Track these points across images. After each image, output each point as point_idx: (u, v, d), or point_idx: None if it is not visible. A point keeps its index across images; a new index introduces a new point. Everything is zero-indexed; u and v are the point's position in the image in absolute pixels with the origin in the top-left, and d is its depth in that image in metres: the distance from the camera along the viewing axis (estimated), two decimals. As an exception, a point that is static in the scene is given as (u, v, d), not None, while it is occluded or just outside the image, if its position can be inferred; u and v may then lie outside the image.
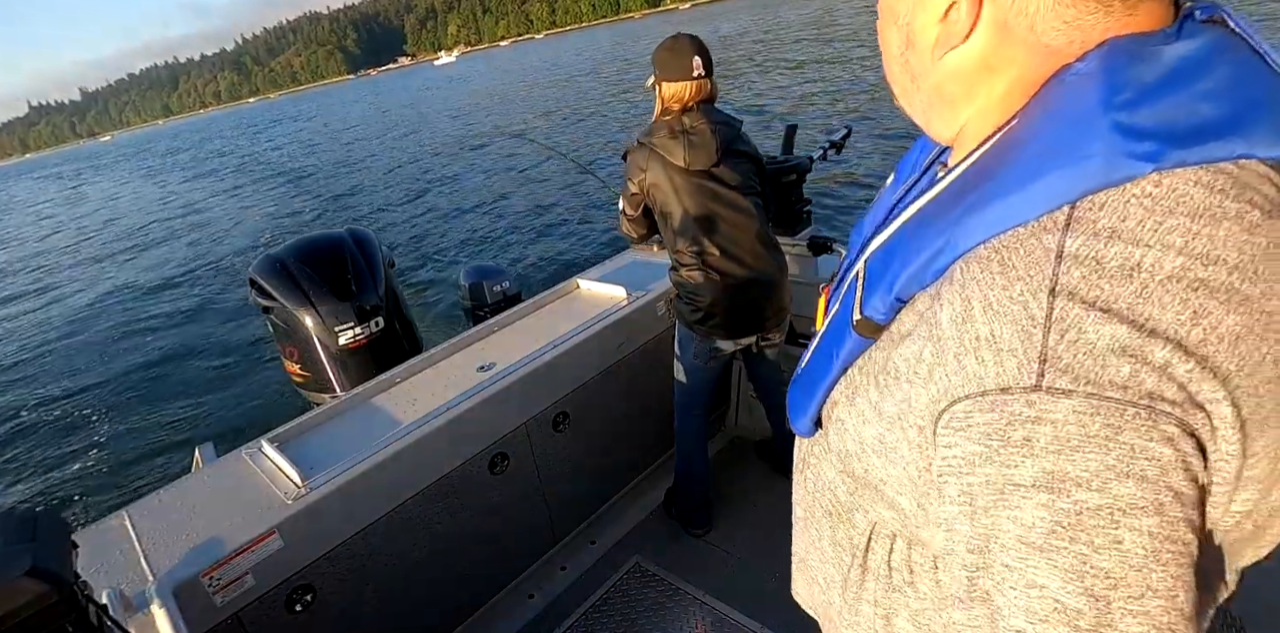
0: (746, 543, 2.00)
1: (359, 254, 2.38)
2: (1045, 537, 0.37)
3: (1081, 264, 0.37)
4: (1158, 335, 0.35)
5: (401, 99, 41.59)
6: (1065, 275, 0.37)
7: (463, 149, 16.05)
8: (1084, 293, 0.37)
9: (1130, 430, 0.35)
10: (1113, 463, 0.35)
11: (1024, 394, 0.37)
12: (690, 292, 1.80)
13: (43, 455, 5.17)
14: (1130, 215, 0.37)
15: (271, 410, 4.87)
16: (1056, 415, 0.36)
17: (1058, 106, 0.42)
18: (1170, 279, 0.36)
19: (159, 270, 10.60)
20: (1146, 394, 0.35)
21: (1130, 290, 0.36)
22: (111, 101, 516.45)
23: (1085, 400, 0.36)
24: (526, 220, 8.95)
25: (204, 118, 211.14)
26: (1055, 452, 0.36)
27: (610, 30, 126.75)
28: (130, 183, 28.24)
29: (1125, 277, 0.36)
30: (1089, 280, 0.37)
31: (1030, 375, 0.37)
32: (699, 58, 1.71)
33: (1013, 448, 0.37)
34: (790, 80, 15.02)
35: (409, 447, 1.56)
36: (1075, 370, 0.36)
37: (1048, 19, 0.41)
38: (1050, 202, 0.39)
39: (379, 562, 1.57)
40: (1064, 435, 0.36)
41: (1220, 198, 0.37)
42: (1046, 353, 0.37)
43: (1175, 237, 0.36)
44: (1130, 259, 0.37)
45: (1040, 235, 0.39)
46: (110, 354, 7.09)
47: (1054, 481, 0.36)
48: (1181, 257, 0.36)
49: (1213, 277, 0.36)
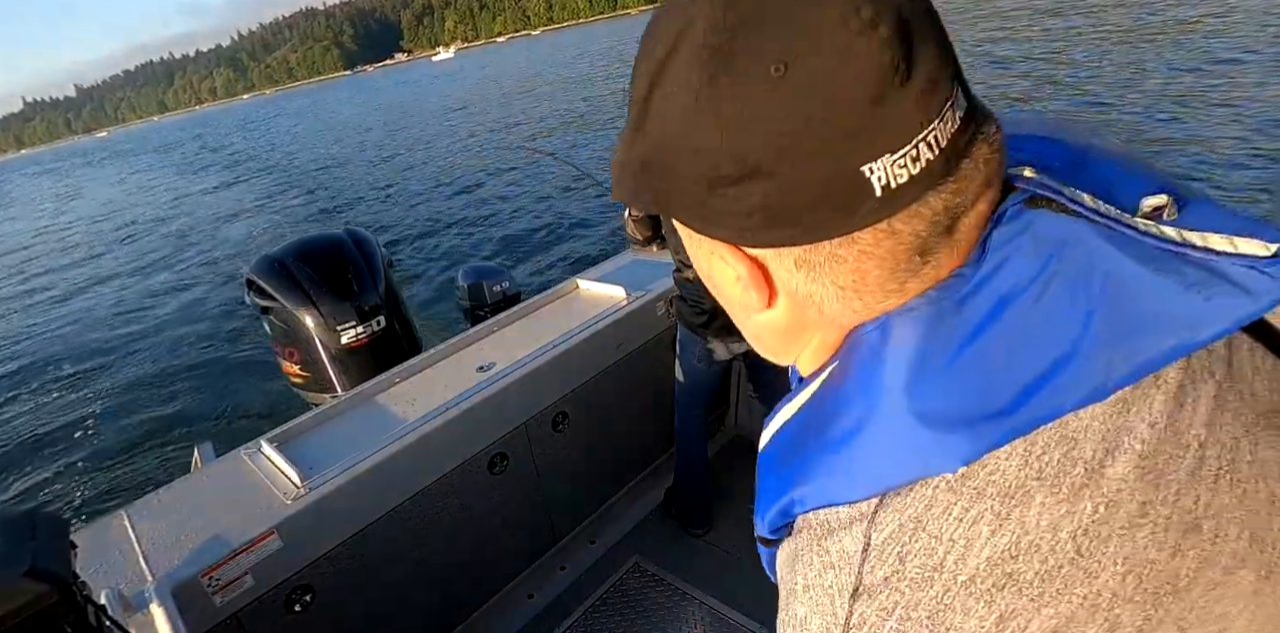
0: (746, 543, 2.00)
1: (358, 254, 2.38)
2: None
3: (884, 563, 0.36)
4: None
5: (399, 96, 41.62)
6: (869, 575, 0.36)
7: (463, 149, 16.06)
8: (883, 599, 0.35)
9: None
10: None
11: None
12: (692, 294, 1.80)
13: (42, 455, 5.17)
14: (937, 502, 0.35)
15: (271, 410, 4.87)
16: None
17: (861, 375, 0.39)
18: (973, 580, 0.34)
19: (158, 270, 10.60)
20: None
21: (930, 596, 0.34)
22: (107, 98, 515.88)
23: None
24: (526, 221, 8.95)
25: (200, 114, 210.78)
26: None
27: (608, 26, 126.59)
28: (126, 181, 28.23)
29: (926, 581, 0.34)
30: (890, 583, 0.35)
31: None
32: None
33: None
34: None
35: (409, 447, 1.56)
36: None
37: (834, 308, 0.39)
38: (866, 489, 0.37)
39: (379, 562, 1.57)
40: None
41: (1036, 469, 0.34)
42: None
43: (982, 526, 0.34)
44: (933, 558, 0.34)
45: (853, 523, 0.38)
46: (109, 354, 7.09)
47: None
48: (987, 551, 0.34)
49: (1022, 570, 0.33)
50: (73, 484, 4.67)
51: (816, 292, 0.39)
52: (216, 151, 31.20)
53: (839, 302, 0.39)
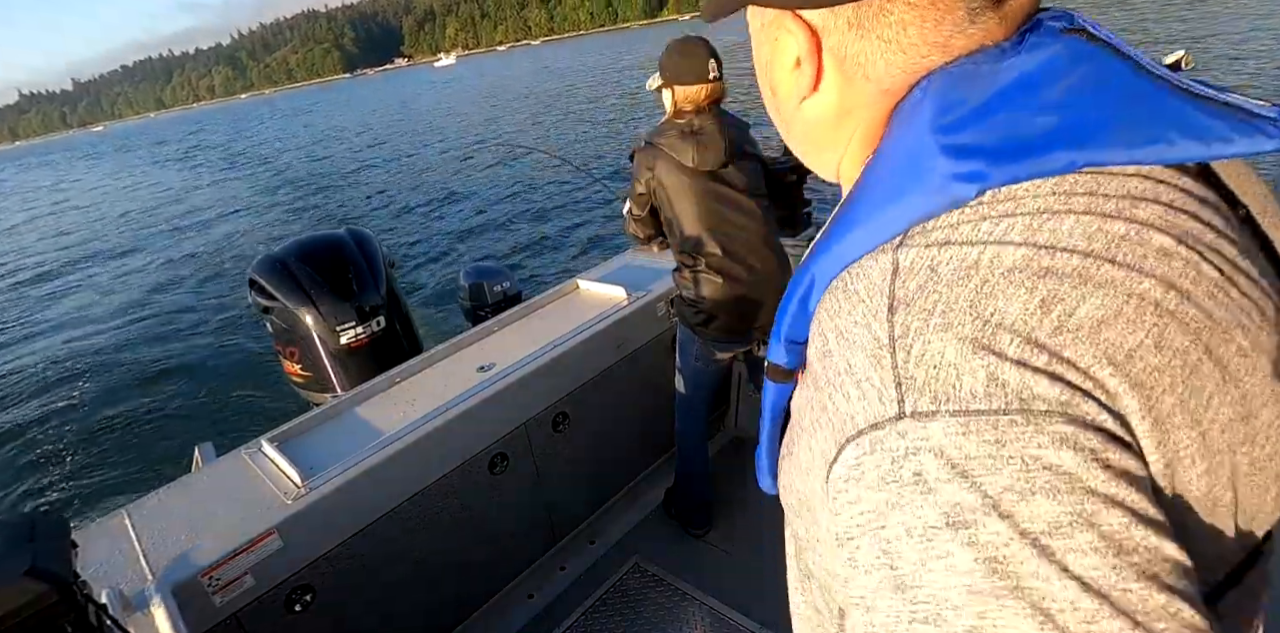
0: (746, 543, 2.00)
1: (359, 254, 2.38)
2: (990, 580, 0.31)
3: (916, 274, 0.35)
4: (1005, 329, 0.32)
5: (404, 99, 41.65)
6: (901, 288, 0.35)
7: (465, 150, 16.06)
8: (921, 302, 0.34)
9: (1013, 442, 0.31)
10: (1009, 483, 0.30)
11: (893, 425, 0.33)
12: (693, 294, 1.80)
13: (42, 455, 5.17)
14: (963, 223, 0.36)
15: (271, 410, 4.87)
16: (933, 442, 0.32)
17: (894, 137, 0.41)
18: (1013, 270, 0.33)
19: (158, 269, 10.60)
20: (1015, 397, 0.31)
21: (969, 289, 0.33)
22: (104, 93, 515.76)
23: (953, 420, 0.32)
24: (527, 221, 8.95)
25: (198, 112, 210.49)
26: (949, 482, 0.31)
27: (608, 38, 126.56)
28: (126, 176, 28.24)
29: (963, 277, 0.34)
30: (925, 288, 0.34)
31: (892, 404, 0.34)
32: (714, 60, 1.72)
33: (910, 487, 0.32)
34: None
35: (409, 447, 1.56)
36: (932, 387, 0.33)
37: (879, 67, 0.41)
38: (890, 229, 0.38)
39: (379, 562, 1.57)
40: (949, 462, 0.31)
41: (1063, 199, 0.35)
42: (900, 375, 0.34)
43: (1014, 233, 0.34)
44: (967, 259, 0.34)
45: (878, 257, 0.38)
46: (110, 353, 7.09)
47: (964, 513, 0.31)
48: (1024, 248, 0.34)
49: (1061, 264, 0.33)
50: (73, 484, 4.67)
51: (864, 50, 0.40)
52: (219, 149, 31.21)
53: (883, 58, 0.40)
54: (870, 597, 0.34)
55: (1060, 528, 0.30)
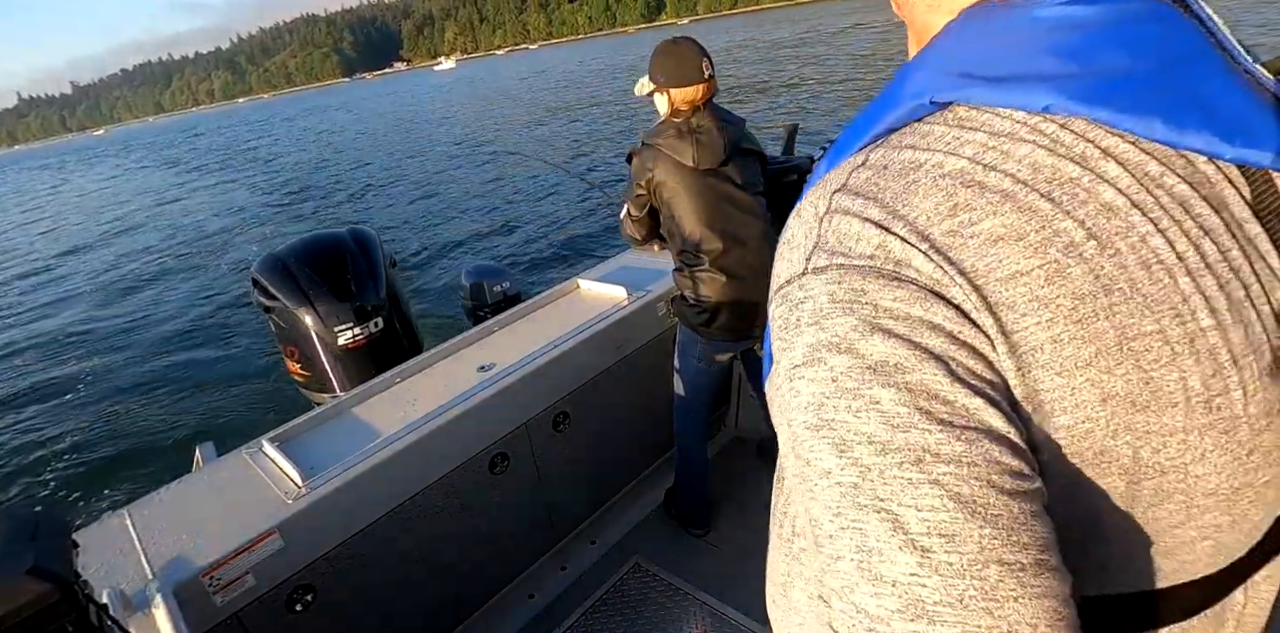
0: (746, 543, 2.00)
1: (359, 254, 2.38)
2: (816, 413, 0.35)
3: (870, 168, 0.39)
4: (905, 219, 0.35)
5: (405, 103, 41.62)
6: (853, 178, 0.39)
7: (467, 152, 16.06)
8: (860, 187, 0.38)
9: (874, 290, 0.35)
10: (856, 323, 0.35)
11: (798, 279, 0.38)
12: (694, 293, 1.80)
13: (44, 455, 5.17)
14: (931, 132, 0.38)
15: (272, 410, 4.88)
16: (814, 290, 0.37)
17: (916, 58, 0.43)
18: (944, 176, 0.35)
19: (159, 269, 10.60)
20: (894, 260, 0.35)
21: (901, 184, 0.37)
22: (103, 96, 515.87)
23: (837, 271, 0.36)
24: (528, 221, 8.96)
25: (198, 116, 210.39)
26: (813, 323, 0.36)
27: (607, 43, 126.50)
28: (127, 180, 28.26)
29: (902, 174, 0.37)
30: (870, 179, 0.38)
31: (802, 262, 0.39)
32: (705, 60, 1.73)
33: (791, 332, 0.38)
34: (791, 87, 15.03)
35: (409, 447, 1.56)
36: (832, 247, 0.37)
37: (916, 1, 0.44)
38: (876, 130, 0.41)
39: (379, 562, 1.58)
40: (819, 307, 0.36)
41: (1033, 130, 0.35)
42: (818, 240, 0.38)
43: (967, 148, 0.36)
44: (914, 161, 0.37)
45: (856, 155, 0.41)
46: (111, 353, 7.09)
47: (814, 352, 0.36)
48: (965, 161, 0.36)
49: (992, 181, 0.35)
50: (74, 483, 4.67)
51: None
52: (222, 151, 31.21)
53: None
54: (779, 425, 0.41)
55: (887, 367, 0.34)
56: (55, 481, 4.77)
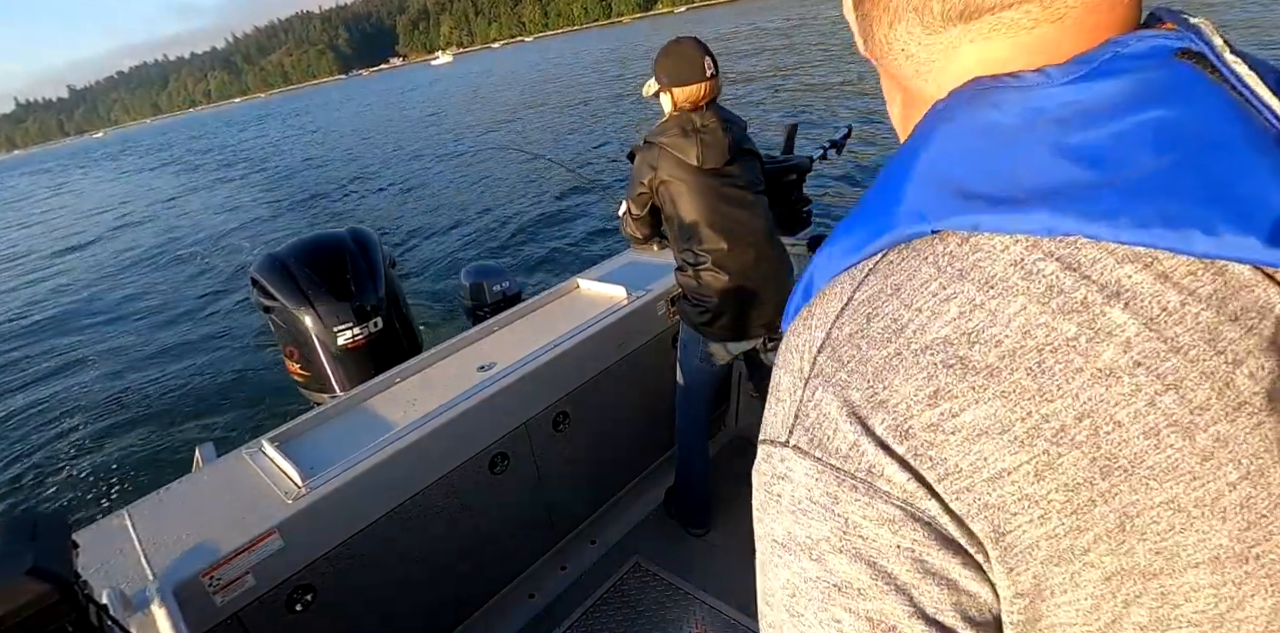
0: (746, 543, 1.99)
1: (359, 254, 2.38)
2: (790, 600, 0.36)
3: (853, 320, 0.35)
4: (885, 408, 0.33)
5: (404, 99, 41.61)
6: (837, 329, 0.36)
7: (467, 150, 16.05)
8: (843, 351, 0.35)
9: (847, 503, 0.33)
10: (828, 535, 0.34)
11: (779, 449, 0.37)
12: (696, 293, 1.80)
13: (43, 456, 5.17)
14: (920, 274, 0.34)
15: (272, 410, 4.87)
16: (796, 475, 0.35)
17: (904, 148, 0.38)
18: (925, 350, 0.32)
19: (160, 268, 10.60)
20: (866, 468, 0.33)
21: (883, 355, 0.33)
22: (100, 99, 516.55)
23: (815, 464, 0.34)
24: (528, 220, 8.95)
25: (196, 116, 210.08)
26: (792, 513, 0.35)
27: (600, 33, 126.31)
28: (127, 179, 28.24)
29: (885, 340, 0.34)
30: (852, 339, 0.35)
31: (786, 430, 0.36)
32: (709, 58, 1.72)
33: (773, 502, 0.37)
34: (789, 81, 15.04)
35: (409, 447, 1.56)
36: (812, 432, 0.35)
37: (900, 64, 0.39)
38: (870, 249, 0.37)
39: (379, 562, 1.58)
40: (798, 497, 0.35)
41: (1026, 273, 0.32)
42: (799, 410, 0.36)
43: (952, 305, 0.32)
44: (898, 321, 0.34)
45: (845, 282, 0.38)
46: (111, 353, 7.09)
47: (791, 542, 0.36)
48: (948, 329, 0.32)
49: (975, 358, 0.31)
50: (74, 484, 4.67)
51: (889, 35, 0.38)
52: (221, 151, 31.20)
53: (901, 53, 0.38)
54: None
55: (850, 589, 0.34)
56: (55, 481, 4.77)
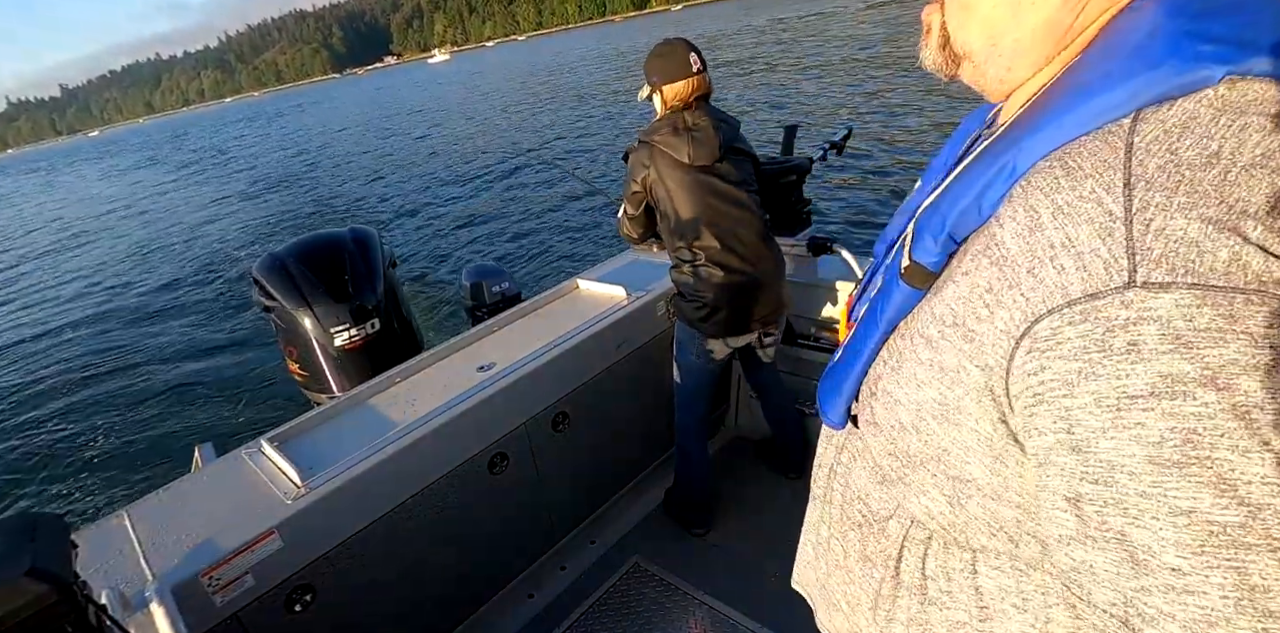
0: (746, 543, 2.00)
1: (358, 254, 2.37)
2: (1180, 451, 0.32)
3: (1155, 155, 0.35)
4: (1251, 216, 0.32)
5: (403, 98, 41.57)
6: (1139, 166, 0.35)
7: (470, 151, 16.06)
8: (1163, 180, 0.34)
9: (1246, 318, 0.31)
10: (1234, 357, 0.31)
11: (1118, 295, 0.34)
12: (692, 290, 1.80)
13: (42, 456, 5.17)
14: (1201, 114, 0.35)
15: (272, 410, 4.87)
16: (1161, 312, 0.32)
17: (1122, 29, 0.39)
18: (1253, 166, 0.33)
19: (160, 267, 10.59)
20: (1255, 277, 0.32)
21: (1213, 175, 0.33)
22: (93, 98, 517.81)
23: (1188, 292, 0.32)
24: (528, 221, 8.95)
25: (189, 115, 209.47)
26: (1168, 352, 0.32)
27: (594, 31, 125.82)
28: (127, 177, 28.21)
29: (1205, 164, 0.34)
30: (1166, 169, 0.34)
31: (1121, 273, 0.34)
32: (694, 54, 1.74)
33: (1118, 357, 0.33)
34: (788, 81, 15.04)
35: (408, 447, 1.56)
36: (1171, 260, 0.33)
37: None
38: (1116, 110, 0.37)
39: (379, 562, 1.57)
40: (1174, 333, 0.32)
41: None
42: (1134, 247, 0.34)
43: (1252, 132, 0.34)
44: (1207, 148, 0.34)
45: (1105, 137, 0.37)
46: (110, 353, 7.09)
47: (1174, 384, 0.32)
48: (1260, 148, 0.33)
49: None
50: (73, 484, 4.67)
51: None
52: (219, 150, 31.19)
53: None
54: (1044, 455, 0.37)
55: (1273, 403, 0.31)
56: (54, 481, 4.77)
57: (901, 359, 0.50)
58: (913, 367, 0.48)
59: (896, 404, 0.50)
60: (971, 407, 0.44)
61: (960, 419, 0.45)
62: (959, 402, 0.44)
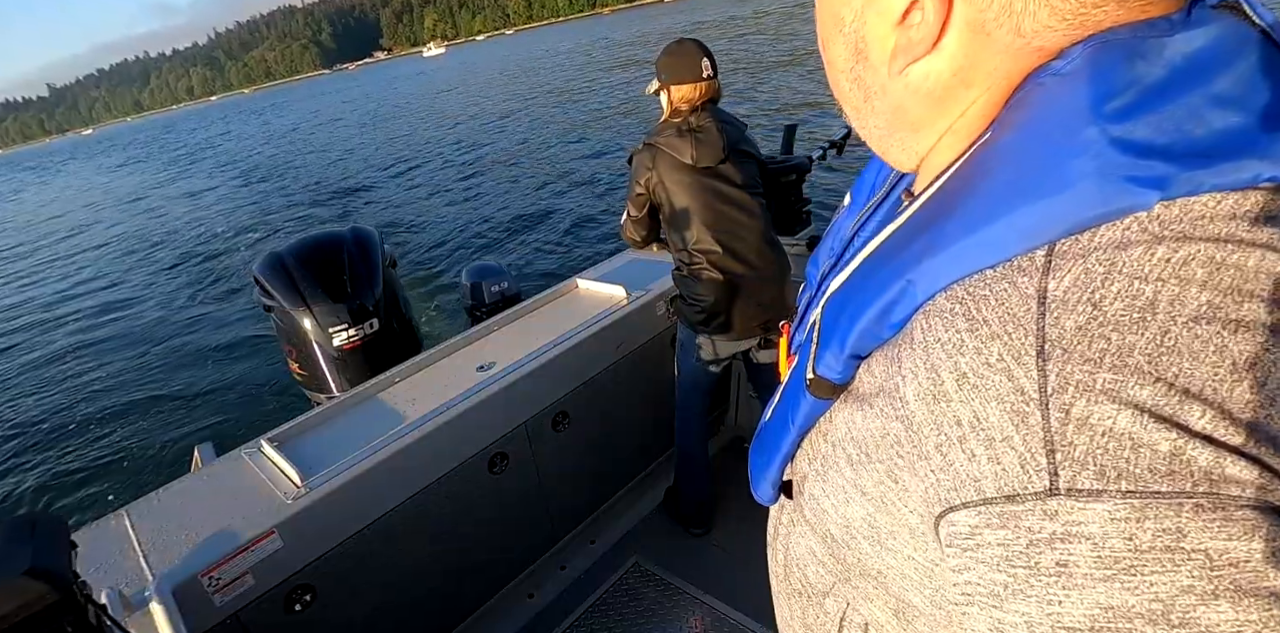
0: (746, 543, 2.00)
1: (358, 254, 2.37)
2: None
3: (1073, 311, 0.28)
4: (1195, 397, 0.26)
5: (402, 93, 41.54)
6: (1053, 327, 0.29)
7: (469, 151, 16.06)
8: (1083, 350, 0.28)
9: (1197, 532, 0.25)
10: (1189, 584, 0.25)
11: (1038, 502, 0.28)
12: (693, 293, 1.80)
13: (42, 455, 5.17)
14: (1132, 246, 0.28)
15: (272, 410, 4.87)
16: (1091, 528, 0.27)
17: (1035, 116, 0.33)
18: (1197, 320, 0.27)
19: (162, 266, 10.59)
20: (1203, 477, 0.26)
21: (1147, 339, 0.27)
22: (81, 97, 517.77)
23: (1124, 502, 0.26)
24: (528, 221, 8.96)
25: (179, 113, 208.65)
26: (1105, 580, 0.26)
27: (584, 23, 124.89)
28: (124, 176, 28.23)
29: (1137, 322, 0.27)
30: (1088, 331, 0.28)
31: (1041, 474, 0.28)
32: (707, 60, 1.74)
33: (1047, 579, 0.28)
34: (787, 82, 15.04)
35: (408, 447, 1.56)
36: (1098, 460, 0.27)
37: (1041, 18, 0.32)
38: (1028, 239, 0.31)
39: (379, 562, 1.57)
40: (1109, 555, 0.26)
41: (1246, 225, 0.28)
42: (1053, 440, 0.28)
43: (1195, 267, 0.27)
44: (1140, 298, 0.27)
45: (1014, 277, 0.31)
46: (109, 353, 7.09)
47: (1116, 619, 0.26)
48: (1207, 292, 0.27)
49: (1250, 316, 0.27)
50: (73, 484, 4.67)
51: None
52: (217, 148, 31.19)
53: (1048, 5, 0.32)
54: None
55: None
56: (54, 481, 4.77)
57: (826, 468, 0.44)
58: (838, 480, 0.42)
59: (824, 513, 0.44)
60: (906, 540, 0.38)
61: (895, 546, 0.39)
62: (892, 530, 0.39)
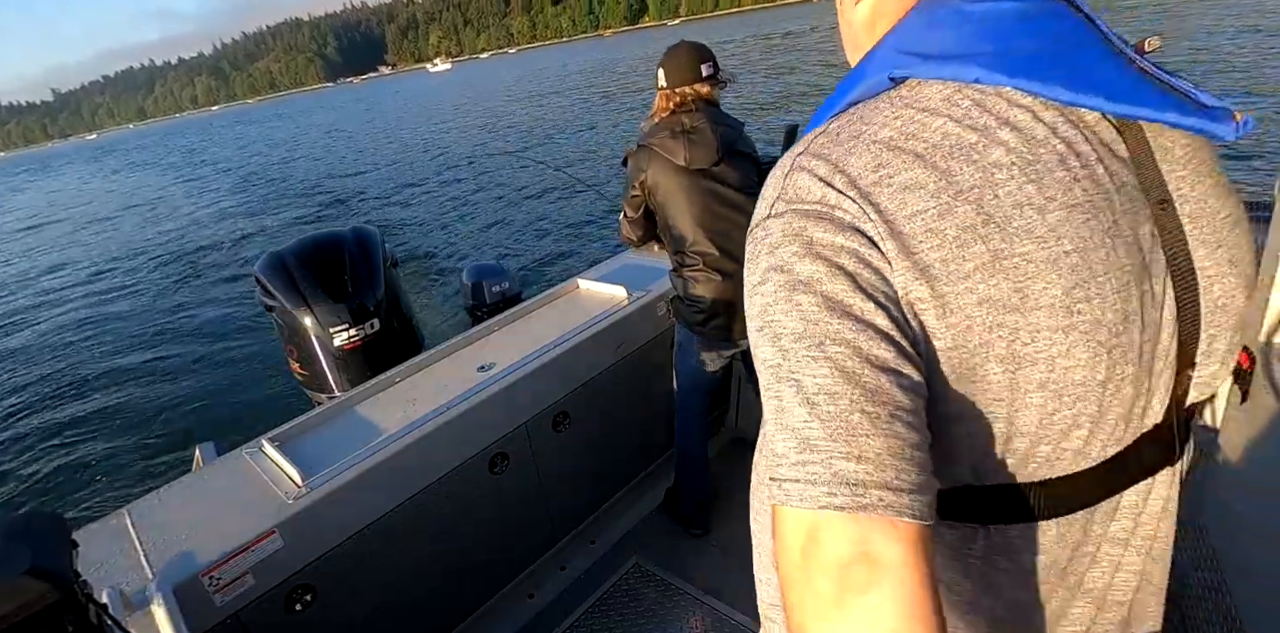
0: (746, 543, 1.99)
1: (358, 254, 2.37)
2: (761, 317, 0.48)
3: (826, 135, 0.51)
4: (843, 172, 0.48)
5: (409, 104, 41.50)
6: (813, 143, 0.51)
7: (469, 153, 16.06)
8: (814, 150, 0.50)
9: (811, 227, 0.47)
10: (798, 250, 0.47)
11: (764, 222, 0.51)
12: (692, 293, 1.80)
13: (43, 455, 5.17)
14: (879, 108, 0.50)
15: (272, 410, 4.87)
16: (772, 229, 0.49)
17: (876, 44, 0.54)
18: (874, 143, 0.48)
19: (163, 266, 10.60)
20: (829, 205, 0.47)
21: (844, 148, 0.49)
22: (85, 102, 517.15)
23: (789, 215, 0.49)
24: (528, 221, 8.96)
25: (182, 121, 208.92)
26: (769, 253, 0.49)
27: (587, 44, 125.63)
28: (126, 178, 28.24)
29: (848, 140, 0.49)
30: (822, 143, 0.51)
31: (768, 208, 0.51)
32: (705, 62, 1.74)
33: (753, 261, 0.50)
34: (785, 83, 15.03)
35: (409, 447, 1.56)
36: (790, 197, 0.49)
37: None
38: (846, 100, 0.53)
39: (379, 562, 1.57)
40: (773, 241, 0.49)
41: (949, 103, 0.47)
42: (780, 192, 0.51)
43: (897, 121, 0.48)
44: (858, 132, 0.49)
45: (824, 124, 0.53)
46: (110, 352, 7.09)
47: (766, 273, 0.48)
48: (889, 131, 0.48)
49: (907, 145, 0.47)
50: (74, 483, 4.67)
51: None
52: (219, 153, 31.18)
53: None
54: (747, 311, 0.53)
55: (812, 281, 0.46)
56: (55, 480, 4.77)
57: None
58: None
59: None
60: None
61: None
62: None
